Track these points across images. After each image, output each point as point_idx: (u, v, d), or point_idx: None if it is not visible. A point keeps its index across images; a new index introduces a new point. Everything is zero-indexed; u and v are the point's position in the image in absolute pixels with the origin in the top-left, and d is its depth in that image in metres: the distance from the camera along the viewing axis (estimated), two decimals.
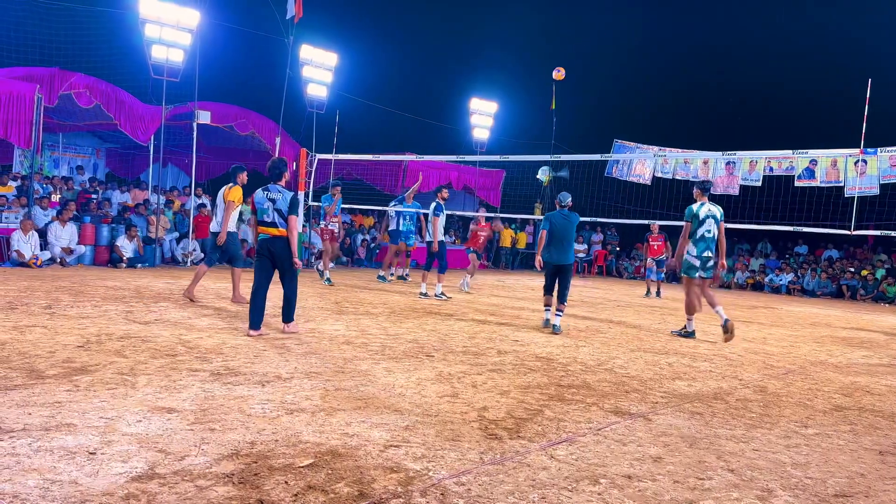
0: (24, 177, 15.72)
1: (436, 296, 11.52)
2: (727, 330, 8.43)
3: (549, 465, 3.49)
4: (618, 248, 25.72)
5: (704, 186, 8.97)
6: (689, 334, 8.87)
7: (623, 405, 4.88)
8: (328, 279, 13.00)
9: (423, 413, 4.29)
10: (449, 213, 13.48)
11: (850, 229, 11.33)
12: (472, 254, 14.39)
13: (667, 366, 6.63)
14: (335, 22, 24.89)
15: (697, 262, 8.70)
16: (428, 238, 11.82)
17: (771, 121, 26.98)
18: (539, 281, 12.65)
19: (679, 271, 9.09)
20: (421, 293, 11.65)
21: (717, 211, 8.78)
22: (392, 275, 14.95)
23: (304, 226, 13.59)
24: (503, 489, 3.13)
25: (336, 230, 13.69)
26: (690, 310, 8.88)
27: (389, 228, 14.57)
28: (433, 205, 11.67)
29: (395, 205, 14.38)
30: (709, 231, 8.69)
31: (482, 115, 23.65)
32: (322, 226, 13.54)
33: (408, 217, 14.31)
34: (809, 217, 16.15)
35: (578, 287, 16.38)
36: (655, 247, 15.58)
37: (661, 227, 15.28)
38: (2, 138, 13.88)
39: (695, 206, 8.78)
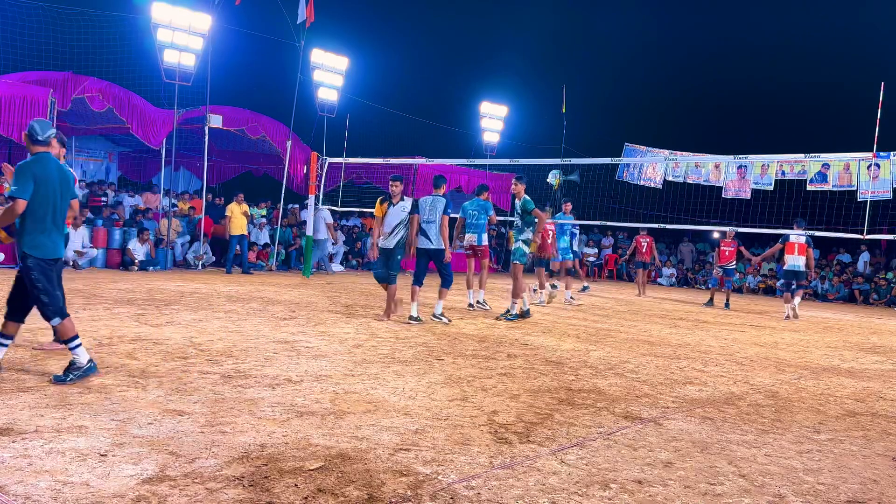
0: None
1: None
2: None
3: (559, 470, 3.48)
4: (629, 252, 25.63)
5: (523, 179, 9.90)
6: (524, 314, 9.79)
7: (634, 410, 4.86)
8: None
9: (432, 417, 4.29)
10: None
11: (862, 233, 11.26)
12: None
13: (678, 370, 6.60)
14: (346, 26, 25.05)
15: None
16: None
17: (783, 124, 26.89)
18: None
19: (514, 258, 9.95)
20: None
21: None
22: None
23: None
24: (513, 493, 3.12)
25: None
26: (518, 292, 9.72)
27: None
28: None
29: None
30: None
31: (492, 118, 23.66)
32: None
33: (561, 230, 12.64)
34: (822, 221, 16.05)
35: (589, 290, 16.33)
36: (727, 253, 14.42)
37: (672, 231, 14.98)
38: (16, 142, 14.00)
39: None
